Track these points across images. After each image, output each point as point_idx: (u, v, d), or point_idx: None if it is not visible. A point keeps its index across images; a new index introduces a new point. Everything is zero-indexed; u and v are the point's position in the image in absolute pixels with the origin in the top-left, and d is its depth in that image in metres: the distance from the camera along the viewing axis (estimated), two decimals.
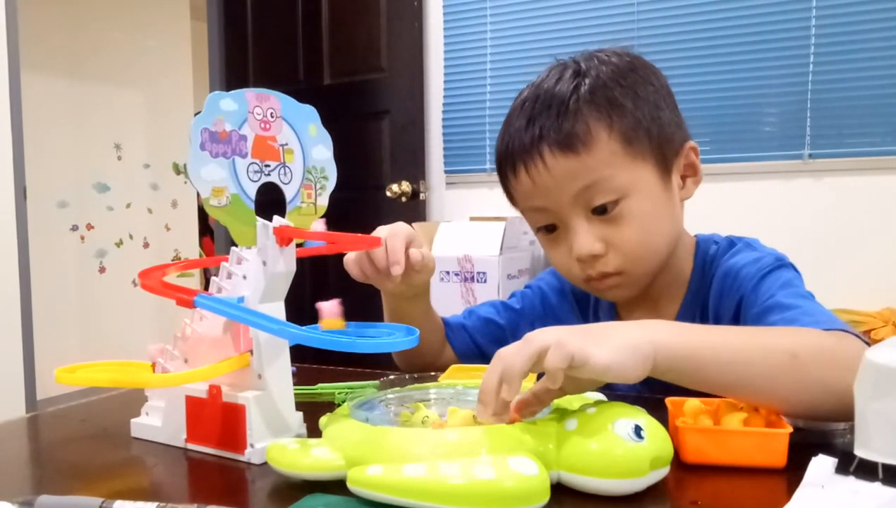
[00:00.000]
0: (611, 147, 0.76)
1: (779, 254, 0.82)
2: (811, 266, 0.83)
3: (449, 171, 2.68)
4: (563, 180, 0.76)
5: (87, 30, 3.93)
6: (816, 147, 2.13)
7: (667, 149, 0.79)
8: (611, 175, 0.75)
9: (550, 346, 0.51)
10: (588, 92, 0.77)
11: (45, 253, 3.55)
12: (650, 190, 0.78)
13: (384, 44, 2.65)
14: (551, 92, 0.78)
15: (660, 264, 0.82)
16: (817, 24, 2.10)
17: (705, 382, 0.58)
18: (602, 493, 0.48)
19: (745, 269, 0.80)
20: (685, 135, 0.82)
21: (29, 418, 0.79)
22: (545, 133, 0.76)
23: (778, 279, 0.77)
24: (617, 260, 0.78)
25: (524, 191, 0.81)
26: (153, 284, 0.64)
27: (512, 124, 0.81)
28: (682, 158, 0.81)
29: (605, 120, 0.76)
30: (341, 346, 0.54)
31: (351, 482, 0.48)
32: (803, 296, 0.75)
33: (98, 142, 4.02)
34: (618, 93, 0.77)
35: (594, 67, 0.79)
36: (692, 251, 0.88)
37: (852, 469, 0.49)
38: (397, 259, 0.76)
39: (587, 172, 0.75)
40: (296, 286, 0.62)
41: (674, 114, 0.81)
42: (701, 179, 0.84)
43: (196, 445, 0.62)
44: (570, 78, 0.78)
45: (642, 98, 0.78)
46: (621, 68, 0.79)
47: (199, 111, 0.60)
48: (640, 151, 0.77)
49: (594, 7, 2.39)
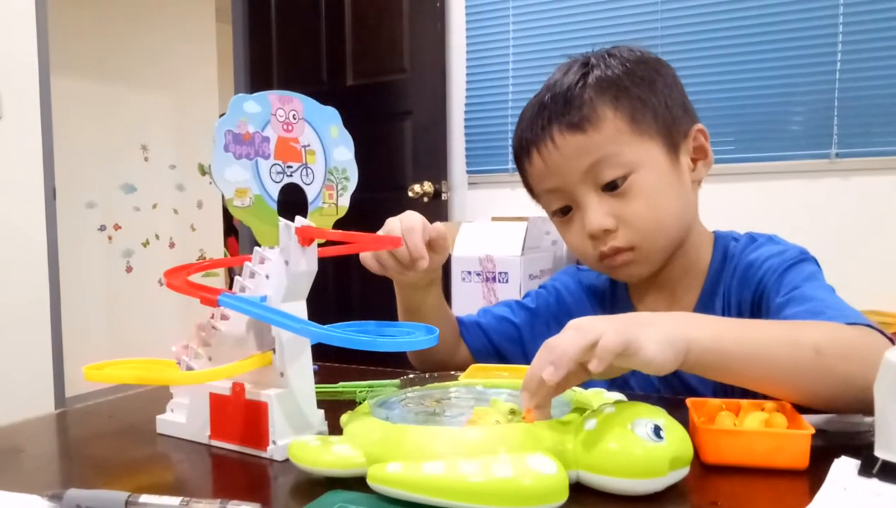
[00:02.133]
0: (617, 124, 0.79)
1: (802, 248, 0.82)
2: (838, 266, 0.82)
3: (471, 171, 2.68)
4: (573, 157, 0.80)
5: (114, 32, 3.99)
6: (843, 146, 2.10)
7: (674, 130, 0.81)
8: (618, 151, 0.78)
9: (606, 332, 0.51)
10: (595, 78, 0.80)
11: (74, 252, 3.61)
12: (658, 166, 0.80)
13: (407, 45, 2.66)
14: (560, 82, 0.82)
15: (671, 243, 0.82)
16: (844, 21, 2.08)
17: (730, 376, 0.60)
18: (621, 493, 0.48)
19: (769, 261, 0.81)
20: (693, 118, 0.84)
21: (58, 414, 0.80)
22: (554, 117, 0.81)
23: (802, 271, 0.78)
24: (628, 235, 0.80)
25: (538, 174, 0.85)
26: (178, 283, 0.65)
27: (525, 117, 0.86)
28: (691, 140, 0.83)
29: (611, 100, 0.79)
30: (362, 345, 0.55)
31: (371, 479, 0.49)
32: (826, 289, 0.75)
33: (125, 143, 4.07)
34: (624, 79, 0.80)
35: (603, 60, 0.82)
36: (710, 244, 0.88)
37: (875, 471, 0.48)
38: (421, 253, 0.77)
39: (595, 148, 0.78)
40: (318, 285, 0.63)
41: (681, 97, 0.84)
42: (712, 162, 0.85)
43: (220, 441, 0.63)
44: (578, 69, 0.82)
45: (647, 82, 0.81)
46: (629, 59, 0.82)
47: (224, 112, 0.61)
48: (646, 130, 0.79)
49: (617, 6, 2.37)
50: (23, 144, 2.54)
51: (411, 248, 0.77)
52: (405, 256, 0.78)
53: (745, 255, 0.84)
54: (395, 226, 0.79)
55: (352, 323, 0.67)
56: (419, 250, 0.77)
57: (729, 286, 0.84)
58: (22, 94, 2.53)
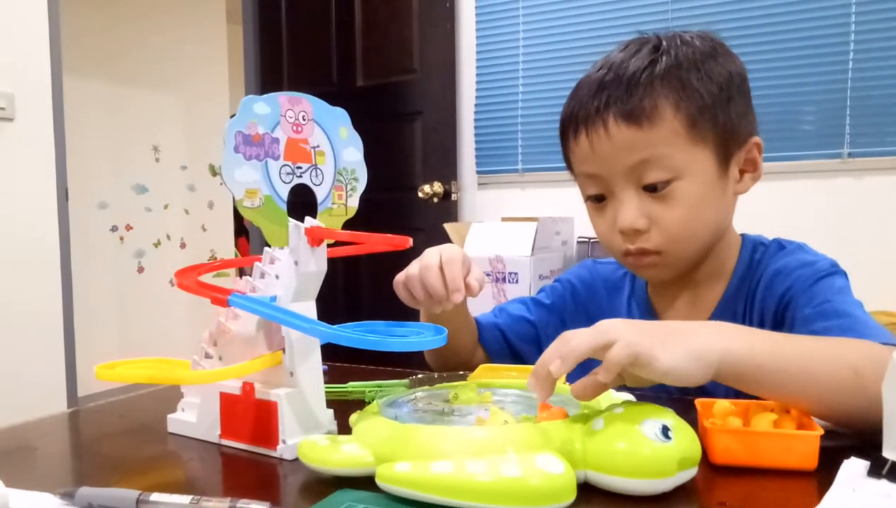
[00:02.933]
0: (674, 126, 0.75)
1: (833, 261, 0.80)
2: (851, 266, 0.81)
3: (481, 172, 2.68)
4: (622, 150, 0.76)
5: (126, 33, 4.01)
6: (856, 145, 2.08)
7: (730, 138, 0.78)
8: (669, 153, 0.75)
9: (618, 341, 0.51)
10: (663, 69, 0.76)
11: (86, 253, 3.63)
12: (705, 176, 0.77)
13: (416, 45, 2.66)
14: (626, 64, 0.78)
15: (699, 252, 0.81)
16: (857, 20, 2.06)
17: (766, 391, 0.58)
18: (629, 493, 0.48)
19: (799, 270, 0.79)
20: (752, 129, 0.81)
21: (70, 413, 0.81)
22: (612, 101, 0.76)
23: (833, 285, 0.76)
24: (658, 239, 0.77)
25: (582, 155, 0.81)
26: (189, 283, 0.66)
27: (581, 89, 0.81)
28: (745, 152, 0.80)
29: (674, 99, 0.75)
30: (371, 345, 0.55)
31: (380, 478, 0.49)
32: (857, 305, 0.74)
33: (136, 144, 4.09)
34: (692, 76, 0.76)
35: (675, 47, 0.78)
36: (738, 246, 0.87)
37: (884, 473, 0.48)
38: (458, 286, 0.76)
39: (646, 146, 0.75)
40: (327, 285, 0.63)
41: (746, 106, 0.80)
42: (760, 176, 0.82)
43: (230, 441, 0.63)
44: (648, 53, 0.78)
45: (716, 83, 0.77)
46: (702, 51, 0.78)
47: (235, 113, 0.62)
48: (702, 136, 0.76)
49: (627, 6, 2.37)
50: (35, 145, 2.56)
51: (449, 278, 0.76)
52: (439, 291, 0.77)
53: (774, 262, 0.82)
54: (433, 255, 0.78)
55: (361, 324, 0.68)
56: (456, 282, 0.76)
57: (753, 291, 0.82)
58: (34, 96, 2.55)
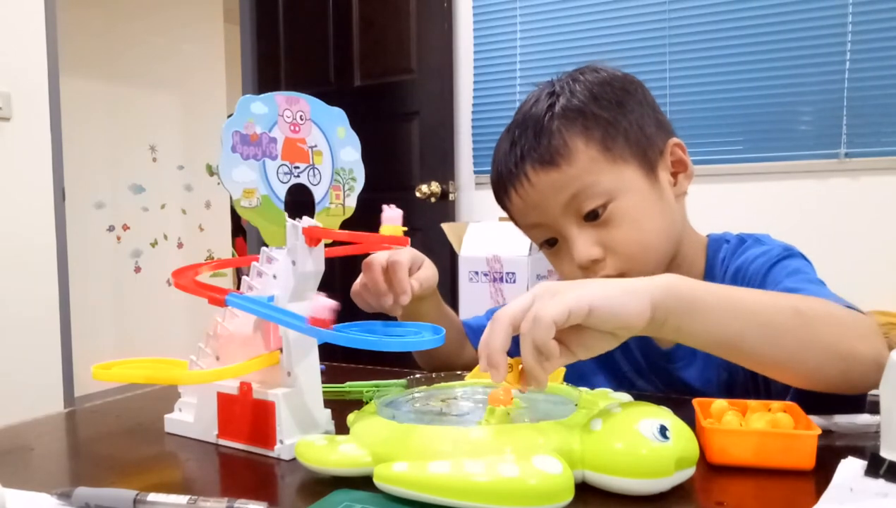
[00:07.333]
0: (589, 154, 0.77)
1: (787, 245, 0.82)
2: (847, 267, 0.82)
3: (478, 172, 2.68)
4: (550, 193, 0.78)
5: (123, 33, 4.00)
6: (853, 146, 2.09)
7: (647, 148, 0.80)
8: (594, 181, 0.77)
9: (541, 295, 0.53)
10: (563, 107, 0.78)
11: (83, 253, 3.63)
12: (637, 189, 0.78)
13: (414, 45, 2.66)
14: (529, 113, 0.81)
15: (661, 261, 0.81)
16: (854, 20, 2.07)
17: (707, 333, 0.58)
18: (627, 493, 0.48)
19: (753, 264, 0.80)
20: (668, 133, 0.83)
21: (67, 413, 0.81)
22: (526, 153, 0.79)
23: (785, 268, 0.77)
24: (617, 262, 0.78)
25: (518, 211, 0.83)
26: (186, 283, 0.66)
27: (498, 152, 0.84)
28: (668, 156, 0.82)
29: (580, 130, 0.77)
30: (369, 345, 0.55)
31: (377, 478, 0.49)
32: (812, 282, 0.74)
33: (133, 143, 4.09)
34: (591, 105, 0.78)
35: (567, 84, 0.81)
36: (703, 250, 0.87)
37: (882, 472, 0.48)
38: (403, 288, 0.79)
39: (571, 182, 0.77)
40: (325, 285, 0.63)
41: (653, 114, 0.82)
42: (692, 174, 0.84)
43: (227, 441, 0.63)
44: (546, 98, 0.80)
45: (616, 105, 0.79)
46: (594, 82, 0.80)
47: (232, 113, 0.62)
48: (620, 155, 0.78)
49: (624, 6, 2.37)
50: (32, 145, 2.55)
51: (395, 282, 0.79)
52: (384, 293, 0.79)
53: (735, 259, 0.83)
54: (380, 258, 0.80)
55: (358, 323, 0.67)
56: (402, 284, 0.79)
57: None
58: (31, 95, 2.54)
